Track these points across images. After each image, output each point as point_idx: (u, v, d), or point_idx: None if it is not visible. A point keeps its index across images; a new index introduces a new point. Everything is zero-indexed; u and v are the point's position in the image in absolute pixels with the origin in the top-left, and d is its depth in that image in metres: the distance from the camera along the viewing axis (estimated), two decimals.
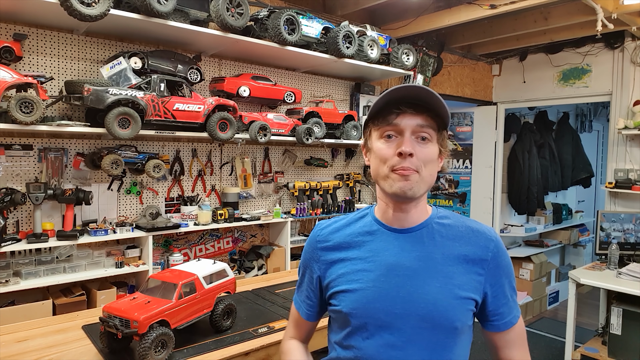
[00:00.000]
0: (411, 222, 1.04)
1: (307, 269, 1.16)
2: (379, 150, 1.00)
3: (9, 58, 2.10)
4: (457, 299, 0.99)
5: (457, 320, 0.98)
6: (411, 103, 0.97)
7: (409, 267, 1.01)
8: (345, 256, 1.08)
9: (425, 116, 0.98)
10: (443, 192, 5.33)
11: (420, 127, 0.97)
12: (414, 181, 0.96)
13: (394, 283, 1.00)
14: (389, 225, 1.06)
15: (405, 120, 0.97)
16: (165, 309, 1.48)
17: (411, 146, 0.96)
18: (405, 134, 0.97)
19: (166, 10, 2.22)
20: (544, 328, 4.86)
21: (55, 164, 2.35)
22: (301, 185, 3.27)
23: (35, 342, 1.62)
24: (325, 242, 1.12)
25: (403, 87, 0.97)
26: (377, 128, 1.01)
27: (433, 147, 0.99)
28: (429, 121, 0.98)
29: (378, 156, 1.00)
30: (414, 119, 0.97)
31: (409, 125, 0.97)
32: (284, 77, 3.30)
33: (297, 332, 1.23)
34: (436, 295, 0.98)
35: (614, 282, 3.10)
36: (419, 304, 0.98)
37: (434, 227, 1.05)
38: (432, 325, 0.98)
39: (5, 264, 2.14)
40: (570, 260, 6.19)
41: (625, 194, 3.99)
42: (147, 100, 2.30)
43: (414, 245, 1.03)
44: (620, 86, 4.14)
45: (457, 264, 1.01)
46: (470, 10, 3.30)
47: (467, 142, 5.18)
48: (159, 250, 2.75)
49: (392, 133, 0.99)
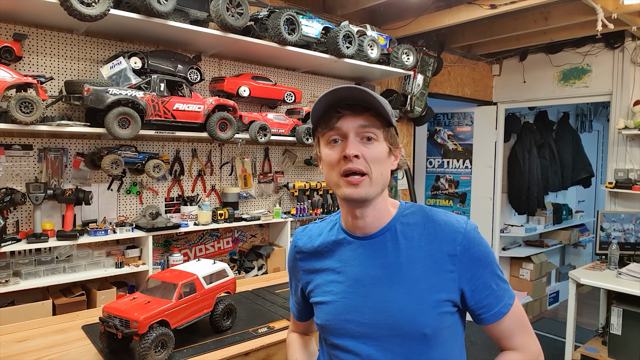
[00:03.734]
0: (372, 228, 1.02)
1: (293, 276, 1.20)
2: (327, 157, 0.99)
3: (9, 58, 2.10)
4: (425, 304, 0.95)
5: (425, 327, 0.94)
6: (350, 105, 0.96)
7: (374, 276, 0.99)
8: (320, 266, 1.08)
9: (367, 116, 0.96)
10: (443, 192, 5.33)
11: (362, 127, 0.95)
12: (365, 186, 0.95)
13: (362, 293, 0.99)
14: (352, 233, 1.04)
15: (347, 122, 0.95)
16: (165, 309, 1.48)
17: (356, 148, 0.94)
18: (349, 136, 0.95)
19: (166, 10, 2.22)
20: (544, 328, 4.86)
21: (55, 164, 2.35)
22: (301, 185, 3.27)
23: (35, 342, 1.62)
24: (302, 252, 1.13)
25: (336, 89, 0.95)
26: (322, 134, 1.00)
27: (380, 146, 0.97)
28: (371, 120, 0.96)
29: (326, 162, 0.99)
30: (355, 120, 0.95)
31: (351, 126, 0.95)
32: (284, 77, 3.30)
33: (296, 327, 1.30)
34: (402, 302, 0.96)
35: (614, 282, 3.10)
36: (385, 313, 0.96)
37: (397, 229, 1.02)
38: (401, 334, 0.96)
39: (5, 264, 2.13)
40: (570, 260, 6.19)
41: (626, 194, 3.99)
42: (147, 100, 2.30)
43: (378, 252, 1.01)
44: (620, 86, 4.14)
45: (424, 266, 0.97)
46: (470, 10, 3.30)
47: (467, 142, 5.18)
48: (159, 250, 2.75)
49: (336, 137, 0.97)
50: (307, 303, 1.16)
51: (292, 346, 1.26)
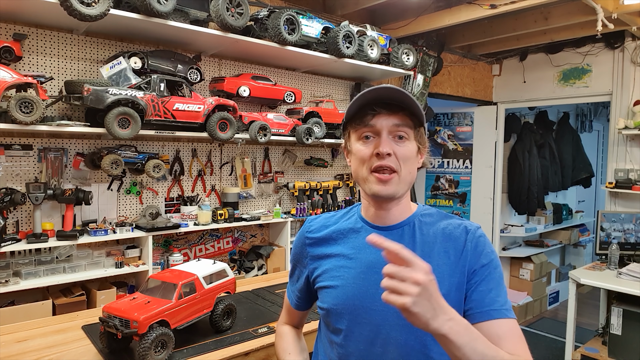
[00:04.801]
0: (393, 220, 1.05)
1: (298, 263, 1.21)
2: (358, 152, 1.02)
3: (9, 58, 2.10)
4: None
5: None
6: (385, 103, 0.99)
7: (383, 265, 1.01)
8: (330, 252, 1.10)
9: (401, 115, 0.99)
10: (443, 192, 5.33)
11: (396, 126, 0.99)
12: (394, 183, 0.98)
13: (374, 280, 1.01)
14: (372, 223, 1.07)
15: (381, 120, 0.99)
16: (165, 309, 1.48)
17: (389, 146, 0.97)
18: (382, 134, 0.99)
19: (166, 10, 2.22)
20: (544, 328, 4.86)
21: (55, 164, 2.35)
22: (301, 185, 3.27)
23: (35, 342, 1.62)
24: (312, 237, 1.15)
25: (375, 89, 0.98)
26: (355, 130, 1.03)
27: (411, 145, 1.01)
28: (404, 120, 0.99)
29: (357, 157, 1.02)
30: (389, 118, 0.99)
31: (385, 125, 0.99)
32: (284, 77, 3.30)
33: (289, 318, 1.31)
34: None
35: (614, 282, 3.10)
36: None
37: (416, 224, 1.06)
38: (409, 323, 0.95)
39: (5, 264, 2.13)
40: (570, 260, 6.19)
41: (626, 194, 3.99)
42: (147, 100, 2.30)
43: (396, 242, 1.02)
44: (620, 86, 4.14)
45: (437, 261, 1.00)
46: (470, 10, 3.30)
47: (468, 142, 5.18)
48: (158, 250, 2.75)
49: (369, 134, 1.00)
50: (309, 291, 1.17)
51: (284, 337, 1.26)
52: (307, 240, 1.16)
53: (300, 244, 1.18)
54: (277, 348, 1.25)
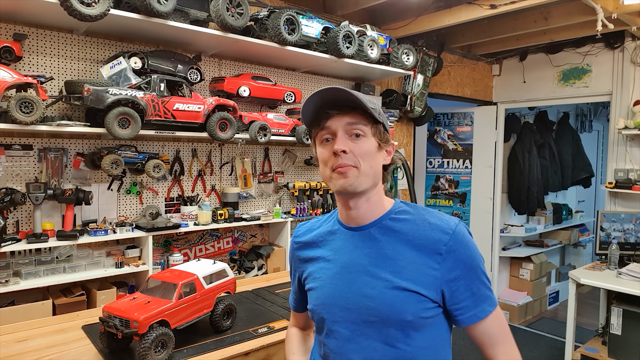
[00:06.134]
0: (364, 220, 1.07)
1: (291, 267, 1.27)
2: (320, 154, 1.06)
3: (9, 58, 2.10)
4: (405, 292, 0.98)
5: (406, 313, 0.98)
6: (337, 105, 1.02)
7: (359, 264, 1.05)
8: (314, 255, 1.15)
9: (354, 114, 1.02)
10: (443, 192, 5.33)
11: (350, 124, 1.02)
12: (353, 176, 1.01)
13: (347, 279, 1.05)
14: (346, 225, 1.11)
15: (335, 121, 1.02)
16: (165, 309, 1.48)
17: (344, 144, 1.00)
18: (338, 134, 1.02)
19: (166, 10, 2.22)
20: (544, 328, 4.86)
21: (55, 164, 2.35)
22: (301, 185, 3.27)
23: (35, 342, 1.62)
24: (299, 242, 1.20)
25: (320, 92, 1.01)
26: (316, 134, 1.07)
27: (368, 142, 1.03)
28: (358, 118, 1.02)
29: (321, 160, 1.06)
30: (342, 118, 1.02)
31: (339, 125, 1.02)
32: (284, 77, 3.30)
33: (295, 320, 1.36)
34: (382, 289, 1.00)
35: (614, 282, 3.10)
36: (367, 298, 1.01)
37: (388, 223, 1.06)
38: (381, 319, 1.00)
39: (5, 264, 2.13)
40: (570, 260, 6.19)
41: (626, 194, 3.99)
42: (147, 100, 2.30)
43: (366, 242, 1.06)
44: (620, 86, 4.14)
45: (410, 259, 1.01)
46: (470, 10, 3.30)
47: (467, 142, 5.18)
48: (158, 250, 2.75)
49: (328, 136, 1.04)
50: (303, 292, 1.21)
51: (290, 340, 1.31)
52: (295, 245, 1.22)
53: (291, 248, 1.25)
54: (285, 349, 1.31)
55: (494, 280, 5.04)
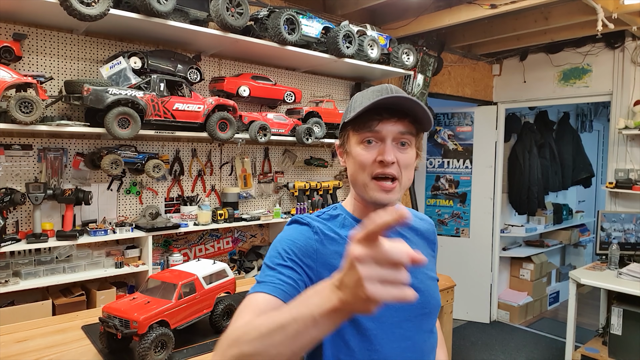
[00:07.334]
0: None
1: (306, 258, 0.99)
2: (359, 156, 0.98)
3: (9, 58, 2.09)
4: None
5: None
6: (392, 109, 0.95)
7: None
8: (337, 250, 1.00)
9: (406, 122, 0.97)
10: (443, 192, 5.32)
11: (401, 134, 0.97)
12: (396, 192, 0.98)
13: None
14: None
15: (387, 127, 0.95)
16: (165, 309, 1.48)
17: (393, 153, 0.95)
18: (386, 141, 0.96)
19: (166, 10, 2.22)
20: (545, 328, 4.86)
21: (55, 164, 2.35)
22: (301, 185, 3.27)
23: (34, 342, 1.62)
24: (319, 233, 1.03)
25: (390, 98, 0.93)
26: (357, 133, 0.99)
27: (412, 152, 1.00)
28: (409, 127, 0.97)
29: (357, 162, 0.99)
30: (395, 125, 0.96)
31: (390, 132, 0.96)
32: (284, 77, 3.29)
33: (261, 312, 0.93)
34: (426, 283, 1.07)
35: (615, 282, 3.10)
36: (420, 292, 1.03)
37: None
38: (429, 312, 1.06)
39: (5, 264, 2.13)
40: (570, 260, 6.18)
41: (626, 194, 3.99)
42: (146, 100, 2.30)
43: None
44: (620, 86, 4.14)
45: (424, 250, 1.11)
46: (470, 10, 3.29)
47: (468, 142, 5.18)
48: (158, 250, 2.75)
49: (372, 139, 0.97)
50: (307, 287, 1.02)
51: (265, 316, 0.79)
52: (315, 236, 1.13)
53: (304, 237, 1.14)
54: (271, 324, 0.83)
55: (494, 280, 5.04)
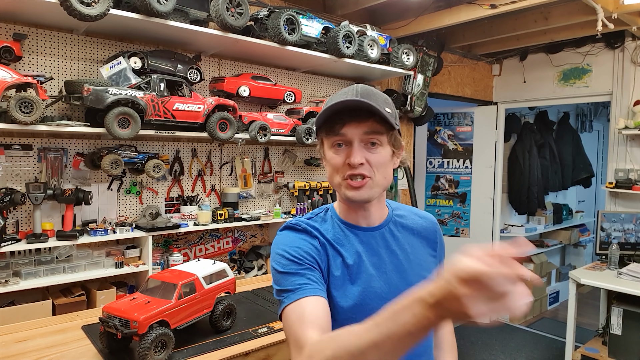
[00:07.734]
0: (377, 220, 1.08)
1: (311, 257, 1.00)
2: (331, 159, 1.00)
3: (9, 58, 2.10)
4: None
5: None
6: (354, 111, 0.95)
7: (391, 262, 1.05)
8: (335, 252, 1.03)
9: (371, 122, 0.96)
10: (443, 192, 5.33)
11: (366, 134, 0.96)
12: (367, 189, 0.98)
13: (384, 280, 1.03)
14: (358, 225, 1.06)
15: (351, 129, 0.96)
16: (165, 309, 1.48)
17: (360, 155, 0.95)
18: (354, 144, 0.96)
19: (166, 10, 2.22)
20: (544, 328, 4.86)
21: (55, 164, 2.35)
22: (301, 185, 3.27)
23: (35, 342, 1.62)
24: (318, 235, 1.04)
25: (341, 102, 0.95)
26: (327, 137, 1.01)
27: (384, 151, 0.99)
28: (375, 127, 0.96)
29: (330, 165, 1.01)
30: (359, 127, 0.96)
31: (355, 134, 0.96)
32: (284, 77, 3.29)
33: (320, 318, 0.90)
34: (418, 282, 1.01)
35: (615, 282, 3.10)
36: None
37: (397, 219, 1.11)
38: None
39: (5, 264, 2.13)
40: (570, 260, 6.19)
41: (626, 194, 3.99)
42: (146, 100, 2.30)
43: (387, 240, 1.07)
44: (620, 86, 4.14)
45: (421, 250, 1.10)
46: (470, 10, 3.29)
47: (468, 142, 5.18)
48: (158, 250, 2.75)
49: (340, 142, 0.98)
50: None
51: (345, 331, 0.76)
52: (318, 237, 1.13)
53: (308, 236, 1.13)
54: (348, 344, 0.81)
55: None
